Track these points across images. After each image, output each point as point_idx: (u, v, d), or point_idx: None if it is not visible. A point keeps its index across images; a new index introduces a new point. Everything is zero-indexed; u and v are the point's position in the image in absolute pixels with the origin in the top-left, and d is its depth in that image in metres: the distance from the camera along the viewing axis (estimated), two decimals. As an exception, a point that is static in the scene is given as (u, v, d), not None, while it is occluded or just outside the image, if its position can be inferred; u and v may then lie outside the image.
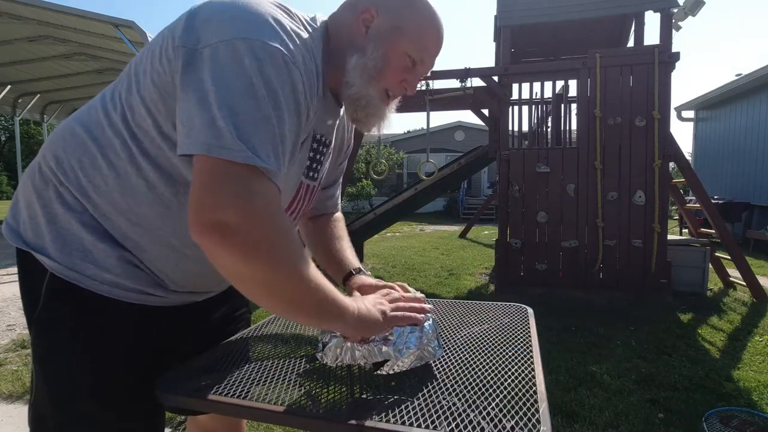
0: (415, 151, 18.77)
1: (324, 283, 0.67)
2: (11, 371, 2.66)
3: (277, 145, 0.63)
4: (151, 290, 0.78)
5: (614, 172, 4.14)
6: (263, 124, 0.61)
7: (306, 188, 0.88)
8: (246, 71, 0.61)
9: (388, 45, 0.79)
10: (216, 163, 0.59)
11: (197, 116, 0.60)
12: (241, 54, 0.61)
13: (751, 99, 8.69)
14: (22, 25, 7.44)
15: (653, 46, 4.06)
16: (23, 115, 11.99)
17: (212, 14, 0.65)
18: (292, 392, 0.72)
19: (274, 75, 0.63)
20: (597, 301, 4.14)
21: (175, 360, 0.85)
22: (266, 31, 0.64)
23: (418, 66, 0.82)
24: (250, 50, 0.62)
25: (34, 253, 0.75)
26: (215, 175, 0.59)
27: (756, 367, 2.71)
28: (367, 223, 5.96)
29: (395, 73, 0.81)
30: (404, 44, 0.79)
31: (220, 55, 0.62)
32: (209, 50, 0.62)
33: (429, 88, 4.78)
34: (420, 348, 0.77)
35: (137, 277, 0.76)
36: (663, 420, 2.11)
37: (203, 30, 0.64)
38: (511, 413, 0.64)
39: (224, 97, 0.60)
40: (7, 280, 5.22)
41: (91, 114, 0.76)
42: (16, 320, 3.69)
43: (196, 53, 0.63)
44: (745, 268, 4.28)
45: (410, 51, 0.80)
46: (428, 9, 0.81)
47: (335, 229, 1.08)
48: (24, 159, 18.27)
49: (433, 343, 0.80)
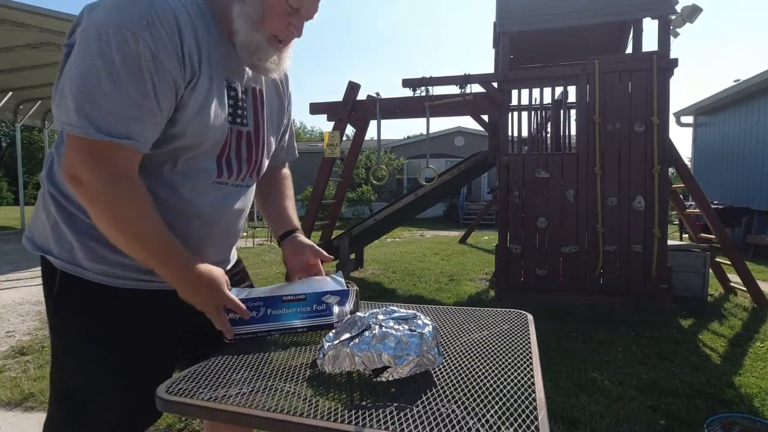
0: (415, 156, 18.80)
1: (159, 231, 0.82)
2: (10, 378, 2.65)
3: (124, 114, 0.75)
4: (139, 276, 0.91)
5: (614, 177, 4.15)
6: (103, 100, 0.74)
7: (239, 134, 0.96)
8: (89, 55, 0.74)
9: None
10: (70, 136, 0.76)
11: (62, 93, 0.76)
12: (87, 40, 0.74)
13: (750, 104, 8.72)
14: (23, 32, 7.49)
15: (652, 53, 4.08)
16: (24, 122, 12.03)
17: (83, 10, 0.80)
18: (292, 399, 0.72)
19: (120, 53, 0.73)
20: (597, 307, 4.13)
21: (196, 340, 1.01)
22: (126, 13, 0.74)
23: (301, 9, 0.87)
24: (95, 35, 0.74)
25: (46, 255, 0.91)
26: (72, 143, 0.76)
27: (757, 373, 2.70)
28: (367, 228, 5.96)
29: (278, 18, 0.86)
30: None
31: (76, 45, 0.76)
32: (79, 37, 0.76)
33: (429, 94, 4.80)
34: (420, 355, 0.77)
35: (124, 266, 0.90)
36: (664, 426, 2.10)
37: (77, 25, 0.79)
38: (509, 420, 0.64)
39: (72, 81, 0.74)
40: (7, 286, 5.22)
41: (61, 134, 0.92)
42: (15, 327, 3.69)
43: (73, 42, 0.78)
44: (746, 273, 4.27)
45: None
46: None
47: (282, 187, 1.20)
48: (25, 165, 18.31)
49: (433, 350, 0.80)
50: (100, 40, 0.73)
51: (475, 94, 4.76)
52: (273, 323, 0.96)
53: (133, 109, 0.76)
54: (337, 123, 5.22)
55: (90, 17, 0.76)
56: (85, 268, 0.89)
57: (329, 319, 1.00)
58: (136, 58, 0.74)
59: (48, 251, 0.91)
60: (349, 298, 1.03)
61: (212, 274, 0.89)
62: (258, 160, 1.02)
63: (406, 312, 0.86)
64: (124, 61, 0.74)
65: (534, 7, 4.46)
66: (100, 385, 0.90)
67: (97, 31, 0.74)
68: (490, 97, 4.64)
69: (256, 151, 1.01)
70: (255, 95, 0.99)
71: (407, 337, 0.78)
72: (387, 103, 5.10)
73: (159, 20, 0.76)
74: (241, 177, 0.99)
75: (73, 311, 0.90)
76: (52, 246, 0.90)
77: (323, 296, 1.00)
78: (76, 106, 0.73)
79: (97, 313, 0.90)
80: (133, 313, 0.92)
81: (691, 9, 4.45)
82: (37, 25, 7.19)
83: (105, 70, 0.73)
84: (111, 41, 0.73)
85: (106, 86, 0.73)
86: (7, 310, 4.19)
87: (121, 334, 0.90)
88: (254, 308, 0.95)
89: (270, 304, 0.96)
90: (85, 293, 0.89)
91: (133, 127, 0.77)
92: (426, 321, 0.83)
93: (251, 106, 0.98)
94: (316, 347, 0.90)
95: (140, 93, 0.76)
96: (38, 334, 3.47)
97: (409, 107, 5.01)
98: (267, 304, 0.96)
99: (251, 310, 0.94)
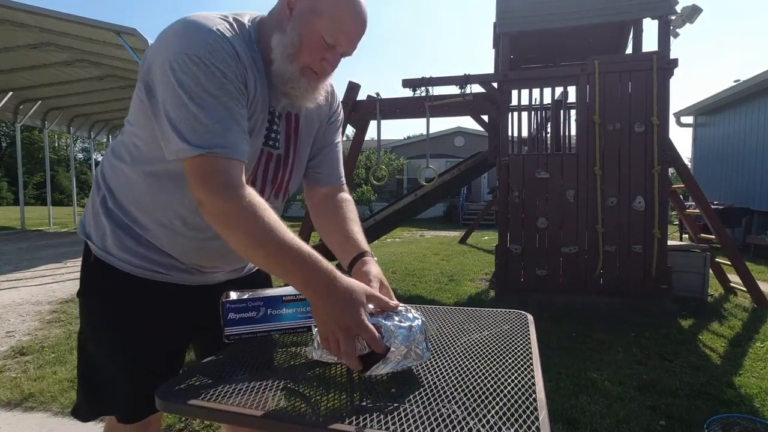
0: (415, 156, 18.81)
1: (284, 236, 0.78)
2: (10, 378, 2.65)
3: (222, 126, 0.80)
4: (157, 268, 0.99)
5: (614, 177, 4.15)
6: (195, 121, 0.79)
7: (269, 156, 1.00)
8: (169, 88, 0.80)
9: (304, 25, 0.87)
10: (184, 161, 0.81)
11: (163, 130, 0.82)
12: (163, 75, 0.80)
13: (750, 104, 8.72)
14: (24, 33, 7.49)
15: (652, 53, 4.08)
16: (24, 122, 12.03)
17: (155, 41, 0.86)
18: (292, 400, 0.72)
19: (193, 78, 0.79)
20: (597, 307, 4.13)
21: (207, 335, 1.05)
22: (189, 43, 0.80)
23: (337, 47, 0.90)
24: (168, 68, 0.80)
25: (87, 240, 1.03)
26: (186, 170, 0.81)
27: (757, 374, 2.70)
28: (367, 228, 5.95)
29: (312, 51, 0.89)
30: (319, 25, 0.87)
31: (159, 78, 0.82)
32: (154, 76, 0.83)
33: (429, 95, 4.80)
34: (407, 347, 0.77)
35: (145, 257, 0.98)
36: (664, 427, 2.10)
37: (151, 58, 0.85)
38: (510, 421, 0.64)
39: (168, 115, 0.80)
40: (7, 286, 5.22)
41: (117, 139, 1.04)
42: (15, 327, 3.69)
43: (149, 81, 0.84)
44: (746, 274, 4.27)
45: (324, 32, 0.87)
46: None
47: (341, 210, 1.11)
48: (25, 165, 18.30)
49: (421, 344, 0.80)
50: (173, 71, 0.79)
51: (475, 95, 4.76)
52: (273, 323, 0.97)
53: (222, 121, 0.80)
54: (337, 123, 5.21)
55: (156, 53, 0.83)
56: (113, 255, 0.98)
57: None
58: (206, 78, 0.79)
59: (88, 236, 1.02)
60: None
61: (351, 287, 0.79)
62: (283, 181, 1.06)
63: (406, 306, 0.87)
64: (197, 82, 0.79)
65: (534, 7, 4.46)
66: (113, 362, 0.99)
67: (169, 65, 0.80)
68: (490, 98, 4.64)
69: (282, 173, 1.05)
70: (290, 119, 1.03)
71: (396, 327, 0.78)
72: (387, 104, 5.10)
73: (221, 46, 0.82)
74: (265, 197, 1.00)
75: (95, 292, 1.01)
76: (92, 232, 1.02)
77: None
78: (177, 135, 0.79)
79: (116, 297, 0.99)
80: (149, 301, 0.99)
81: (691, 9, 4.46)
82: (37, 25, 7.20)
83: (186, 95, 0.79)
84: (182, 68, 0.79)
85: (192, 108, 0.79)
86: (7, 310, 4.19)
87: (134, 319, 0.98)
88: (254, 308, 0.95)
89: (270, 304, 0.96)
90: (109, 277, 0.98)
91: (225, 137, 0.80)
92: (416, 315, 0.83)
93: (284, 129, 1.02)
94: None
95: (221, 106, 0.81)
96: (38, 334, 3.47)
97: (409, 107, 5.01)
98: (267, 304, 0.96)
99: (251, 311, 0.94)
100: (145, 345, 0.99)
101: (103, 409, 1.03)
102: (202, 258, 1.03)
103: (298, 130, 1.05)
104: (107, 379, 1.00)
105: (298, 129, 1.05)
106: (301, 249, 0.78)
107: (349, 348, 0.76)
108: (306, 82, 0.92)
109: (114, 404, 1.00)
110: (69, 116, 13.00)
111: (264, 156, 0.99)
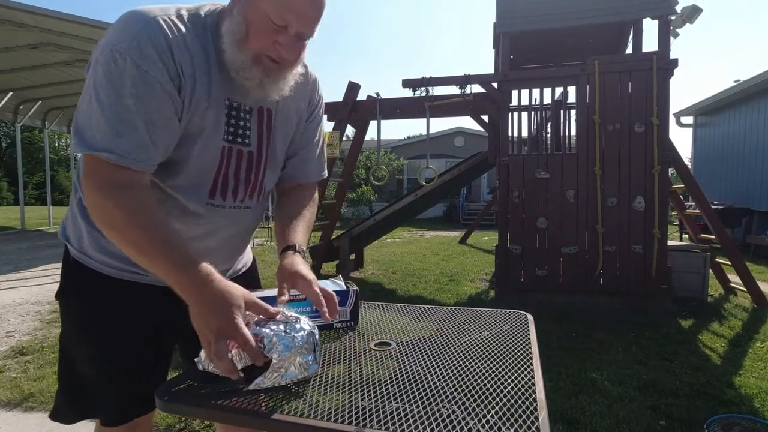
0: (415, 156, 18.81)
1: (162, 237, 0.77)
2: (10, 378, 2.65)
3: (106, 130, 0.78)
4: (133, 268, 0.97)
5: (614, 177, 4.15)
6: (90, 118, 0.78)
7: (237, 153, 0.95)
8: (91, 77, 0.79)
9: (248, 7, 0.80)
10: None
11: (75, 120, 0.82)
12: (93, 62, 0.80)
13: (750, 104, 8.72)
14: (24, 33, 7.48)
15: (652, 53, 4.08)
16: (24, 122, 12.03)
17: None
18: (291, 400, 0.72)
19: (107, 75, 0.77)
20: (597, 307, 4.13)
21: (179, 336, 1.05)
22: (118, 36, 0.78)
23: (288, 27, 0.80)
24: (93, 58, 0.80)
25: (66, 242, 1.03)
26: (81, 164, 0.84)
27: (757, 374, 2.70)
28: (367, 228, 5.96)
29: (262, 35, 0.81)
30: (263, 5, 0.78)
31: (90, 68, 0.81)
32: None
33: (429, 95, 4.80)
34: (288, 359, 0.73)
35: (121, 258, 0.94)
36: (664, 427, 2.10)
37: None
38: (510, 421, 0.64)
39: (79, 103, 0.81)
40: (7, 286, 5.22)
41: None
42: (15, 327, 3.69)
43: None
44: (746, 274, 4.27)
45: (270, 12, 0.78)
46: None
47: (294, 204, 1.07)
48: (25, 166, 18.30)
49: (307, 356, 0.75)
50: (96, 63, 0.79)
51: (475, 95, 4.76)
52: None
53: (117, 124, 0.78)
54: (338, 123, 5.22)
55: (100, 42, 0.82)
56: (90, 257, 0.98)
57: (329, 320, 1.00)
58: (119, 75, 0.77)
59: (67, 239, 1.03)
60: (349, 299, 1.02)
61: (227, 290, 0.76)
62: (257, 180, 1.01)
63: (296, 316, 0.81)
64: (109, 79, 0.77)
65: (534, 7, 4.46)
66: (93, 363, 0.98)
67: (95, 55, 0.80)
68: (490, 98, 4.64)
69: (256, 172, 0.99)
70: (261, 114, 0.97)
71: (279, 338, 0.73)
72: (387, 104, 5.10)
73: (151, 41, 0.78)
74: (239, 198, 0.99)
75: (73, 293, 1.01)
76: (70, 234, 1.02)
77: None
78: (74, 128, 0.80)
79: (94, 299, 0.98)
80: (127, 302, 0.98)
81: (691, 9, 4.46)
82: (37, 25, 7.19)
83: (93, 90, 0.78)
84: (101, 61, 0.78)
85: (95, 106, 0.78)
86: (7, 310, 4.19)
87: (112, 320, 0.97)
88: None
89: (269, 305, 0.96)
90: (86, 279, 0.98)
91: (116, 142, 0.78)
92: (304, 325, 0.78)
93: (256, 125, 0.96)
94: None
95: (122, 108, 0.78)
96: (38, 334, 3.47)
97: (409, 107, 5.01)
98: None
99: None
100: (124, 347, 0.97)
101: (86, 410, 1.02)
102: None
103: (272, 126, 0.99)
104: (88, 380, 0.99)
105: (272, 125, 0.99)
106: (177, 251, 0.76)
107: (220, 350, 0.70)
108: (262, 72, 0.84)
109: (96, 406, 1.00)
110: (69, 116, 12.98)
111: (233, 154, 0.94)
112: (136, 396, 0.97)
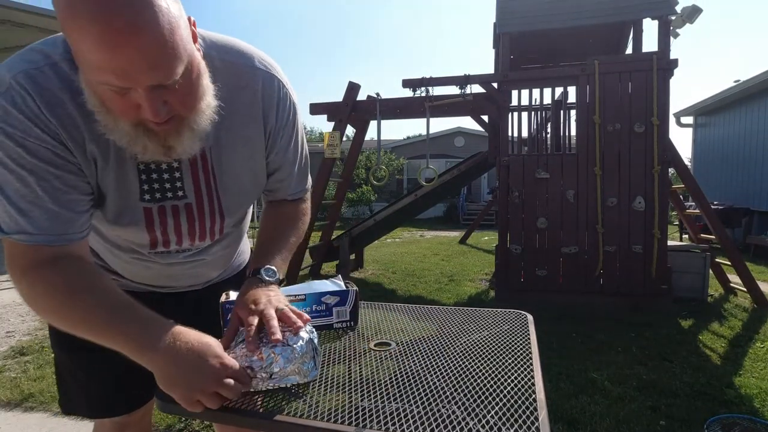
0: (415, 156, 18.81)
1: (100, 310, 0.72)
2: (10, 378, 2.65)
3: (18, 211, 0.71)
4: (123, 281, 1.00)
5: (614, 177, 4.15)
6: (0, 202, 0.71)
7: (172, 209, 0.85)
8: None
9: (86, 80, 0.66)
10: None
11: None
12: None
13: (750, 105, 8.72)
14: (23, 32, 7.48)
15: (652, 53, 4.09)
16: (24, 122, 12.01)
17: None
18: (291, 400, 0.72)
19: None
20: (597, 307, 4.13)
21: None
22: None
23: (133, 87, 0.61)
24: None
25: None
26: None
27: (757, 374, 2.70)
28: (367, 228, 5.96)
29: (116, 104, 0.65)
30: (90, 75, 0.63)
31: None
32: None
33: (429, 95, 4.81)
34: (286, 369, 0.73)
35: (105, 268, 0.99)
36: (664, 427, 2.10)
37: None
38: (510, 421, 0.64)
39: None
40: (7, 286, 5.21)
41: None
42: (15, 327, 3.69)
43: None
44: (746, 274, 4.27)
45: (100, 80, 0.61)
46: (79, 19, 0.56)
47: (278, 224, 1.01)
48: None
49: (307, 364, 0.75)
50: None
51: (475, 95, 4.76)
52: None
53: (19, 202, 0.71)
54: (337, 123, 5.22)
55: None
56: None
57: (329, 320, 1.00)
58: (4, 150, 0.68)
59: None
60: (349, 299, 1.02)
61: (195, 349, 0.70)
62: (204, 227, 0.91)
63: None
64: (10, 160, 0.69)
65: (534, 7, 4.47)
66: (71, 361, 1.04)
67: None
68: (490, 98, 4.64)
69: (201, 222, 0.89)
70: (194, 163, 0.84)
71: (277, 352, 0.73)
72: (387, 104, 5.10)
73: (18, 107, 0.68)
74: (186, 245, 0.93)
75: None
76: None
77: (323, 297, 1.00)
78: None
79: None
80: None
81: (691, 9, 4.46)
82: (37, 25, 7.20)
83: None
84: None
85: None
86: (7, 310, 4.19)
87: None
88: None
89: None
90: None
91: (20, 220, 0.71)
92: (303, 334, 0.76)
93: (189, 175, 0.84)
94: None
95: (20, 184, 0.70)
96: (38, 335, 3.47)
97: (409, 107, 5.01)
98: None
99: None
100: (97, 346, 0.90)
101: (71, 408, 1.09)
102: (149, 279, 1.01)
103: (210, 170, 0.86)
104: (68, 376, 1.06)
105: (210, 168, 0.86)
106: (121, 322, 0.70)
107: (215, 405, 0.68)
108: (155, 138, 0.70)
109: (76, 401, 1.06)
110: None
111: (166, 212, 0.84)
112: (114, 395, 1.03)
